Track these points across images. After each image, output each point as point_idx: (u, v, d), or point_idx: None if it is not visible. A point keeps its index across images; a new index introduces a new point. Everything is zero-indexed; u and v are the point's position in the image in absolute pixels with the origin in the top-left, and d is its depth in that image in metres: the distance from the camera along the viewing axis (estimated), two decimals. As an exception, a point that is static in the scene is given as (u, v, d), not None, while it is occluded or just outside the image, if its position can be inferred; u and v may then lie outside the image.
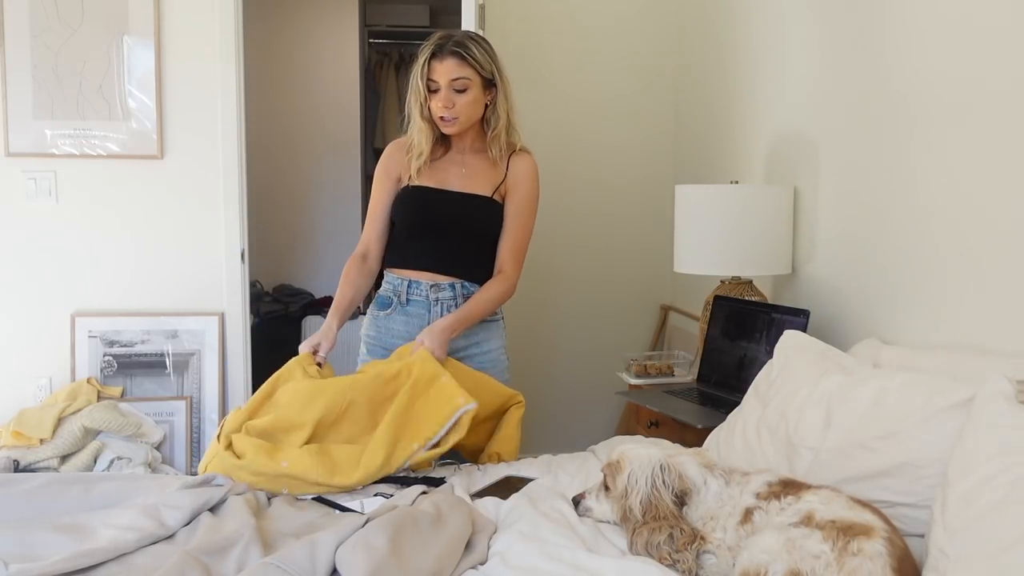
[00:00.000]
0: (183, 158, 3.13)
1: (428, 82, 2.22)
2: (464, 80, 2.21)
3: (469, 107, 2.24)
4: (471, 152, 2.35)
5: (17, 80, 3.02)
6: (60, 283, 3.11)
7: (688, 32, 3.71)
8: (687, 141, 3.73)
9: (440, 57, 2.20)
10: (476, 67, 2.22)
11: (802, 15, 2.68)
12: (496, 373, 2.34)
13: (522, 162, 2.35)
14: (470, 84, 2.22)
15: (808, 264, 2.62)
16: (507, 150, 2.34)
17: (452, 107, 2.21)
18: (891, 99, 2.19)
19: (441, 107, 2.21)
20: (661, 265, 3.76)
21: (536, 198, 2.37)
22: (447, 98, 2.20)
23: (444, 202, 2.29)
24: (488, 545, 1.64)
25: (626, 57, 3.82)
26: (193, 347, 3.15)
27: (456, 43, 2.22)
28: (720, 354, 2.69)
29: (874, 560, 1.33)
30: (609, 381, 3.59)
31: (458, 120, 2.24)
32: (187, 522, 1.67)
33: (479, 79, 2.23)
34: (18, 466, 2.73)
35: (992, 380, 1.49)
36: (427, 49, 2.22)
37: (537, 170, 2.37)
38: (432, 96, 2.22)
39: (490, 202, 2.31)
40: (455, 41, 2.22)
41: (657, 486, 1.60)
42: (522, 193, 2.34)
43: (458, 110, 2.22)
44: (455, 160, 2.34)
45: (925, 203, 2.05)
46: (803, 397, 1.87)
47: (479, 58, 2.22)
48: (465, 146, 2.34)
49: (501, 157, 2.33)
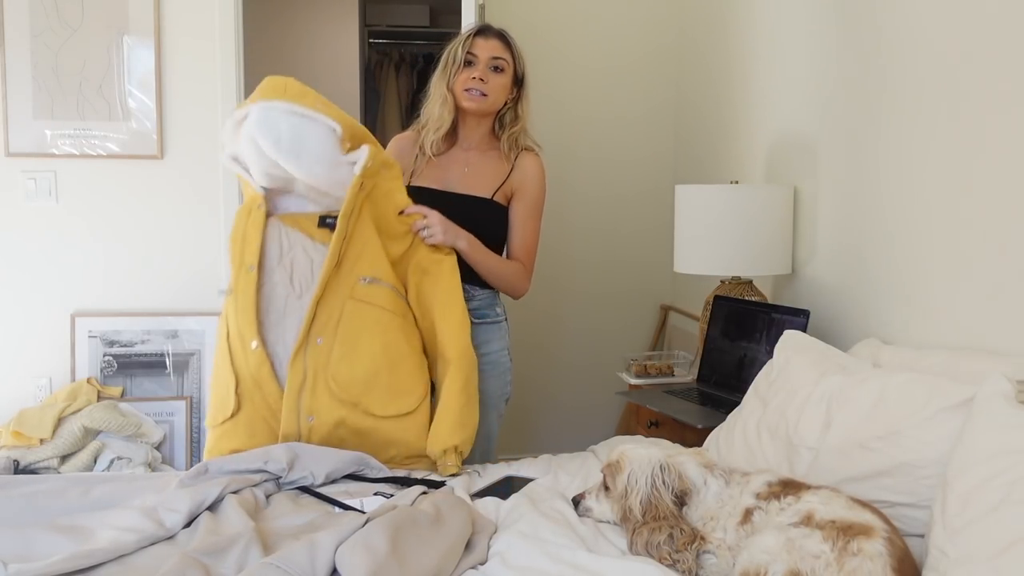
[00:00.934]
0: (183, 158, 3.13)
1: (468, 55, 2.28)
2: (503, 61, 2.29)
3: (500, 90, 2.30)
4: (476, 149, 2.35)
5: (17, 80, 3.02)
6: (60, 283, 3.11)
7: (688, 33, 3.71)
8: (687, 141, 3.73)
9: (485, 35, 2.30)
10: (515, 56, 2.32)
11: (802, 15, 2.68)
12: (498, 374, 2.33)
13: (530, 162, 2.35)
14: (507, 67, 2.30)
15: (808, 264, 2.62)
16: (516, 148, 2.36)
17: (487, 82, 2.26)
18: (891, 99, 2.19)
19: (477, 78, 2.25)
20: (661, 265, 3.76)
21: (543, 199, 2.39)
22: (484, 72, 2.27)
23: (444, 204, 2.28)
24: (488, 545, 1.64)
25: (626, 57, 3.82)
26: (193, 347, 3.15)
27: (501, 30, 2.34)
28: (720, 354, 2.69)
29: (874, 560, 1.33)
30: (609, 381, 3.59)
31: (487, 99, 2.28)
32: (186, 524, 1.67)
33: (513, 70, 2.32)
34: (18, 466, 2.73)
35: (992, 380, 1.49)
36: (472, 28, 2.33)
37: (544, 170, 2.38)
38: (465, 70, 2.27)
39: (490, 204, 2.31)
40: (500, 29, 2.34)
41: (657, 486, 1.60)
42: (530, 194, 2.34)
43: (491, 87, 2.27)
44: (458, 158, 2.34)
45: (925, 203, 2.05)
46: (803, 397, 1.87)
47: (518, 51, 2.33)
48: (472, 142, 2.34)
49: (509, 154, 2.34)
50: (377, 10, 5.44)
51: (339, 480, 1.99)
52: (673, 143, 3.86)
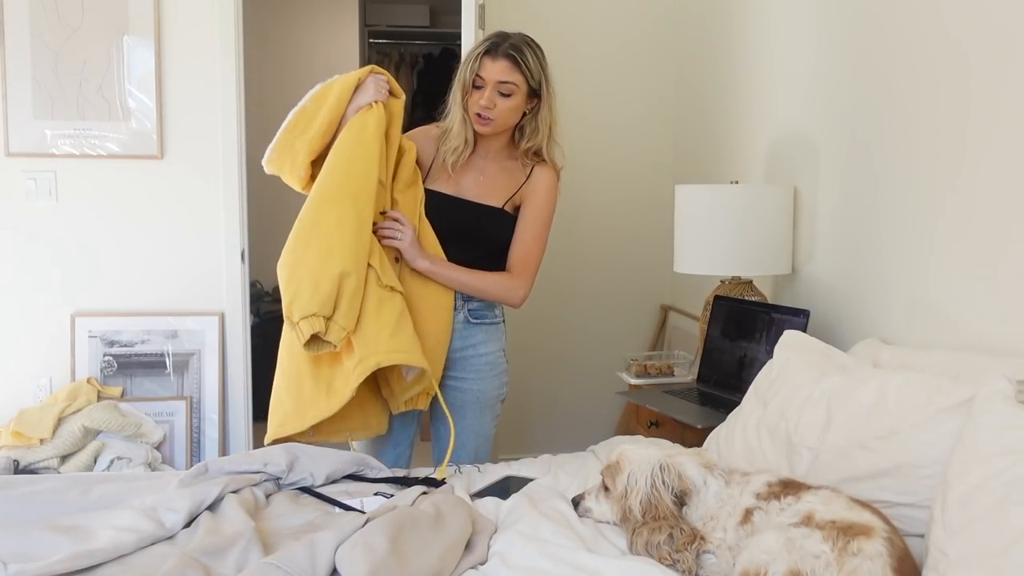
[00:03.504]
0: (183, 158, 3.13)
1: (475, 78, 2.20)
2: (511, 85, 2.18)
3: (508, 112, 2.21)
4: (493, 159, 2.31)
5: (17, 80, 3.02)
6: (60, 283, 3.11)
7: (688, 33, 3.71)
8: (687, 141, 3.73)
9: (493, 56, 2.18)
10: (526, 75, 2.20)
11: (802, 15, 2.68)
12: (495, 375, 2.33)
13: (543, 174, 2.31)
14: (516, 90, 2.20)
15: (808, 264, 2.62)
16: (535, 160, 2.31)
17: (493, 108, 2.19)
18: (891, 99, 2.19)
19: (483, 105, 2.19)
20: (661, 265, 3.76)
21: (550, 212, 2.33)
22: (490, 98, 2.18)
23: (454, 210, 2.27)
24: (488, 545, 1.65)
25: (626, 58, 3.82)
26: (193, 347, 3.15)
27: (512, 46, 2.19)
28: (720, 354, 2.69)
29: (874, 560, 1.33)
30: (609, 381, 3.59)
31: (493, 122, 2.21)
32: (186, 524, 1.67)
33: (526, 87, 2.21)
34: (18, 466, 2.73)
35: (992, 380, 1.49)
36: (482, 45, 2.21)
37: (556, 184, 2.32)
38: (474, 92, 2.20)
39: (500, 213, 2.29)
40: (511, 44, 2.20)
41: (657, 486, 1.60)
42: (536, 205, 2.30)
43: (497, 112, 2.20)
44: (475, 165, 2.30)
45: (925, 203, 2.05)
46: (803, 397, 1.87)
47: (531, 66, 2.21)
48: (489, 151, 2.31)
49: (526, 165, 2.31)
50: (377, 10, 5.44)
51: (339, 480, 1.99)
52: (673, 143, 3.86)
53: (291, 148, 2.14)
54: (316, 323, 1.98)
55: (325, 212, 2.07)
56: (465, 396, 2.29)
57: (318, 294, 1.99)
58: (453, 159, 2.25)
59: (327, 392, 2.07)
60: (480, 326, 2.31)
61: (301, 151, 2.14)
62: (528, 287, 2.30)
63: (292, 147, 2.14)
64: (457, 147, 2.24)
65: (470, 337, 2.30)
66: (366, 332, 2.03)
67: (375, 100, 2.16)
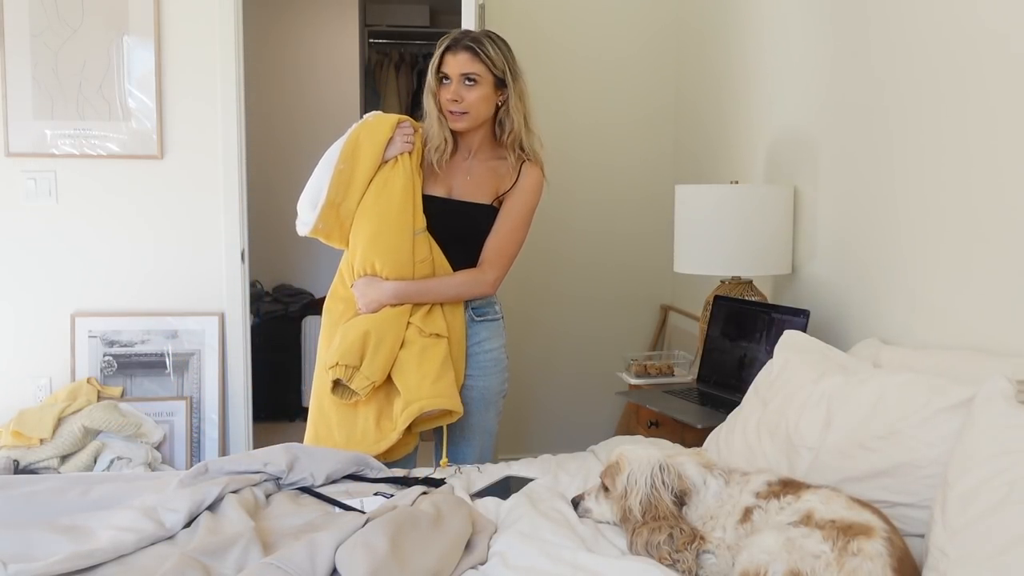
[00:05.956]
0: (183, 158, 3.13)
1: (440, 74, 2.25)
2: (474, 75, 2.23)
3: (478, 103, 2.24)
4: (479, 158, 2.33)
5: (17, 80, 3.02)
6: (60, 283, 3.11)
7: (688, 33, 3.71)
8: (687, 141, 3.73)
9: (454, 51, 2.24)
10: (488, 64, 2.23)
11: (802, 15, 2.68)
12: (495, 372, 2.34)
13: (528, 173, 2.32)
14: (480, 80, 2.23)
15: (808, 264, 2.62)
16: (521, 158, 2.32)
17: (461, 100, 2.23)
18: (891, 99, 2.19)
19: (450, 100, 2.23)
20: (661, 265, 3.76)
21: (530, 208, 2.34)
22: (456, 91, 2.23)
23: (450, 213, 2.29)
24: (488, 545, 1.64)
25: (626, 57, 3.82)
26: (193, 347, 3.15)
27: (472, 39, 2.26)
28: (720, 354, 2.69)
29: (874, 560, 1.33)
30: (609, 381, 3.58)
31: (468, 115, 2.25)
32: (185, 524, 1.67)
33: (491, 77, 2.24)
34: (18, 466, 2.73)
35: (992, 380, 1.49)
36: (443, 43, 2.27)
37: (540, 182, 2.34)
38: (443, 88, 2.25)
39: (490, 210, 2.30)
40: (471, 37, 2.27)
41: (657, 486, 1.60)
42: (517, 200, 2.31)
43: (467, 105, 2.23)
44: (461, 166, 2.33)
45: (925, 203, 2.05)
46: (803, 397, 1.87)
47: (492, 55, 2.24)
48: (472, 149, 2.33)
49: (514, 165, 2.32)
50: (377, 10, 5.45)
51: (339, 480, 1.99)
52: (673, 143, 3.86)
53: (337, 218, 2.27)
54: (338, 371, 2.17)
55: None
56: (471, 393, 2.30)
57: (343, 344, 2.18)
58: (437, 157, 2.28)
59: (376, 431, 2.24)
60: (483, 323, 2.33)
61: (346, 219, 2.27)
62: (498, 273, 2.32)
63: (338, 217, 2.27)
64: (439, 146, 2.28)
65: (475, 335, 2.32)
66: (409, 379, 2.19)
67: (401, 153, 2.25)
